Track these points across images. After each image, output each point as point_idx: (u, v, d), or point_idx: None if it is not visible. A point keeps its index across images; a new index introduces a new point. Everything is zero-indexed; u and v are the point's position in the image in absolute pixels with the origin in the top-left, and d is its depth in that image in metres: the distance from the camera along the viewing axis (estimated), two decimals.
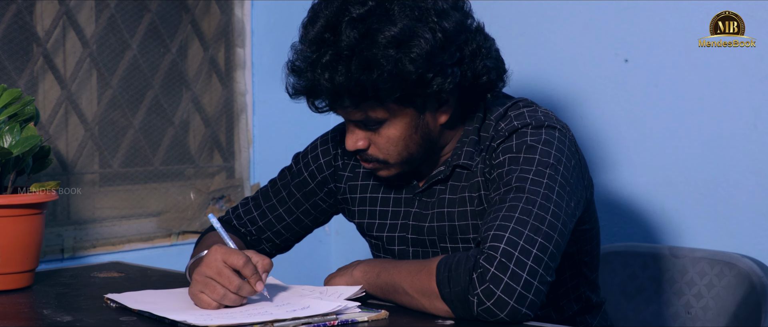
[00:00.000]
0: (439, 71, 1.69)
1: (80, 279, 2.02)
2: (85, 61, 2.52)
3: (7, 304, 1.77)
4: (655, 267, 2.33)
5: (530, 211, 1.60)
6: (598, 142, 2.50)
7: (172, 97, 2.71)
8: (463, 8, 1.77)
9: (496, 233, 1.57)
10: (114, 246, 2.55)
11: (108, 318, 1.63)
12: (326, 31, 1.68)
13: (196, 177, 2.77)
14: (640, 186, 2.45)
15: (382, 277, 1.70)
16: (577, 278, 1.88)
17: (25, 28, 2.41)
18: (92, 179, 2.57)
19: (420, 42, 1.67)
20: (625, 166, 2.46)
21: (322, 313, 1.56)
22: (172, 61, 2.69)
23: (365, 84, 1.66)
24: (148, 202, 2.66)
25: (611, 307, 2.34)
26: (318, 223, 2.02)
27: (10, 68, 2.38)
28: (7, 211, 1.85)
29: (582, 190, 1.76)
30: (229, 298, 1.59)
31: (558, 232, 1.62)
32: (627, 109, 2.45)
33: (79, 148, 2.52)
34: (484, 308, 1.54)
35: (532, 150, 1.69)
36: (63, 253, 2.45)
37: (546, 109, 1.81)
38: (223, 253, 1.59)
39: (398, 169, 1.80)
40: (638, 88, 2.43)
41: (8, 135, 1.85)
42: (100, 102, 2.56)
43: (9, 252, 1.86)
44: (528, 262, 1.55)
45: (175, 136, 2.71)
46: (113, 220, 2.58)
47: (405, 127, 1.74)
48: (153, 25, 2.64)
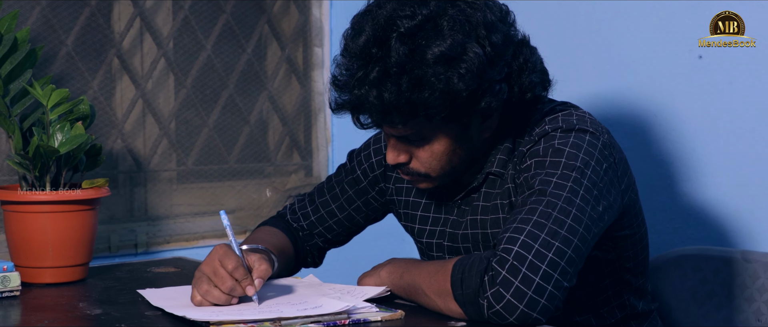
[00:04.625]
0: (487, 88, 1.64)
1: (135, 273, 2.08)
2: (159, 61, 2.59)
3: (50, 296, 1.84)
4: (726, 272, 2.24)
5: (549, 215, 1.56)
6: (671, 141, 2.41)
7: (247, 97, 2.76)
8: (508, 20, 1.72)
9: (512, 236, 1.54)
10: (187, 242, 2.61)
11: (135, 313, 1.67)
12: (374, 46, 1.62)
13: (275, 175, 2.82)
14: (714, 187, 2.35)
15: (405, 277, 1.69)
16: (619, 285, 1.82)
17: (99, 31, 2.50)
18: (169, 177, 2.64)
19: (470, 57, 1.61)
20: (698, 166, 2.37)
21: (333, 311, 1.56)
22: (248, 61, 2.74)
23: (416, 102, 1.61)
24: (223, 200, 2.72)
25: (681, 313, 2.26)
26: (370, 220, 2.03)
27: (84, 69, 2.47)
28: (57, 207, 1.92)
29: (616, 194, 1.70)
30: (220, 298, 1.60)
31: (579, 237, 1.57)
32: (701, 107, 2.36)
33: (153, 146, 2.60)
34: (494, 311, 1.51)
35: (559, 153, 1.65)
36: (136, 248, 2.53)
37: (584, 113, 1.76)
38: (221, 254, 1.61)
39: (439, 182, 1.77)
40: (712, 85, 2.34)
41: (59, 133, 1.92)
42: (176, 101, 2.63)
43: (60, 246, 1.93)
44: (542, 266, 1.52)
45: (251, 135, 2.76)
46: (187, 217, 2.65)
47: (449, 142, 1.70)
48: (228, 25, 2.70)
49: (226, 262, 1.60)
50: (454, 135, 1.70)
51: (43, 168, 1.92)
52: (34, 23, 2.39)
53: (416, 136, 1.69)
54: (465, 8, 1.65)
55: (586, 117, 1.74)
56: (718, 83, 2.33)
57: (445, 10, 1.64)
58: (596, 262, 1.78)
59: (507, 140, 1.75)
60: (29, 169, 1.91)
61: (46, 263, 1.92)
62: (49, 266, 1.93)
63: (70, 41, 2.44)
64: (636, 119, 2.47)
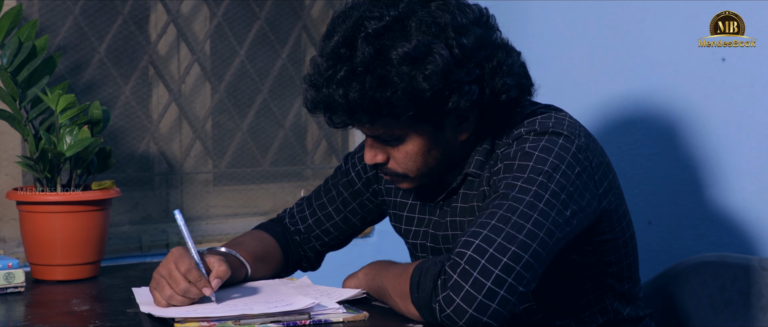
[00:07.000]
0: (455, 88, 1.66)
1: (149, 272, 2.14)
2: (192, 66, 2.67)
3: (52, 293, 1.92)
4: (744, 279, 2.18)
5: (508, 219, 1.56)
6: (696, 145, 2.36)
7: (282, 101, 2.81)
8: (487, 23, 1.72)
9: (467, 240, 1.55)
10: (219, 243, 2.68)
11: (117, 310, 1.74)
12: (342, 46, 1.66)
13: (313, 178, 2.87)
14: (736, 192, 2.29)
15: (376, 279, 1.72)
16: (601, 289, 1.80)
17: (132, 38, 2.59)
18: (205, 179, 2.72)
19: (435, 59, 1.63)
20: (720, 170, 2.32)
21: (297, 309, 1.59)
22: (282, 66, 2.79)
23: (379, 101, 1.64)
24: (258, 202, 2.78)
25: (699, 320, 2.21)
26: (366, 222, 2.05)
27: (117, 75, 2.57)
28: (65, 207, 2.00)
29: (591, 199, 1.68)
30: (176, 299, 1.65)
31: (539, 242, 1.56)
32: (724, 110, 2.31)
33: (185, 150, 2.68)
34: (445, 315, 1.52)
35: (528, 157, 1.65)
36: (168, 248, 2.61)
37: (563, 116, 1.74)
38: (176, 257, 1.66)
39: (418, 182, 1.78)
40: (736, 88, 2.28)
41: (68, 136, 2.01)
42: (210, 106, 2.71)
43: (68, 245, 2.01)
44: (495, 271, 1.52)
45: (286, 138, 2.82)
46: (220, 218, 2.72)
47: (423, 142, 1.72)
48: (262, 31, 2.76)
49: (179, 264, 1.65)
50: (428, 135, 1.71)
51: (53, 170, 2.01)
52: (66, 31, 2.49)
53: (388, 136, 1.71)
54: (434, 10, 1.66)
55: (565, 120, 1.73)
56: (741, 86, 2.27)
57: (413, 12, 1.66)
58: (575, 267, 1.76)
59: (486, 141, 1.76)
60: (37, 170, 2.01)
61: (56, 261, 2.01)
62: (58, 264, 2.01)
63: (102, 48, 2.54)
64: (661, 122, 2.43)
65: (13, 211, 2.42)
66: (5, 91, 2.03)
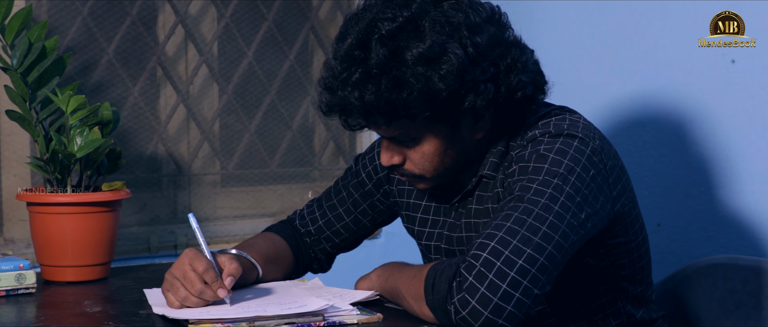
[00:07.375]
0: (471, 88, 1.65)
1: (160, 273, 2.14)
2: (200, 68, 2.67)
3: (63, 294, 1.92)
4: (755, 282, 2.18)
5: (524, 221, 1.56)
6: (706, 147, 2.36)
7: (290, 102, 2.81)
8: (499, 21, 1.72)
9: (483, 242, 1.55)
10: (227, 244, 2.68)
11: (129, 311, 1.73)
12: (356, 48, 1.65)
13: (321, 179, 2.87)
14: (746, 194, 2.29)
15: (390, 281, 1.71)
16: (614, 292, 1.79)
17: (140, 39, 2.59)
18: (213, 180, 2.72)
19: (450, 58, 1.62)
20: (730, 172, 2.31)
21: (312, 310, 1.59)
22: (290, 67, 2.79)
23: (395, 102, 1.63)
24: (266, 203, 2.78)
25: (710, 322, 2.21)
26: (377, 223, 2.05)
27: (125, 75, 2.57)
28: (75, 208, 2.00)
29: (605, 202, 1.68)
30: (191, 301, 1.64)
31: (554, 244, 1.56)
32: (733, 111, 2.30)
33: (193, 151, 2.67)
34: (460, 317, 1.52)
35: (543, 159, 1.64)
36: (176, 249, 2.61)
37: (578, 118, 1.74)
38: (191, 257, 1.65)
39: (435, 182, 1.78)
40: (745, 89, 2.28)
41: (78, 138, 2.01)
42: (218, 107, 2.71)
43: (78, 246, 2.01)
44: (510, 273, 1.51)
45: (293, 139, 2.81)
46: (227, 220, 2.72)
47: (439, 143, 1.71)
48: (270, 32, 2.76)
49: (196, 265, 1.65)
50: (444, 135, 1.71)
51: (63, 171, 2.01)
52: (75, 32, 2.49)
53: (405, 137, 1.71)
54: (447, 10, 1.66)
55: (579, 122, 1.73)
56: (750, 88, 2.27)
57: (426, 12, 1.65)
58: (588, 270, 1.76)
59: (500, 142, 1.75)
60: (48, 171, 2.00)
61: (66, 262, 2.01)
62: (69, 265, 2.01)
63: (111, 49, 2.54)
64: (670, 124, 2.42)
65: (21, 213, 2.42)
66: (15, 91, 2.03)
